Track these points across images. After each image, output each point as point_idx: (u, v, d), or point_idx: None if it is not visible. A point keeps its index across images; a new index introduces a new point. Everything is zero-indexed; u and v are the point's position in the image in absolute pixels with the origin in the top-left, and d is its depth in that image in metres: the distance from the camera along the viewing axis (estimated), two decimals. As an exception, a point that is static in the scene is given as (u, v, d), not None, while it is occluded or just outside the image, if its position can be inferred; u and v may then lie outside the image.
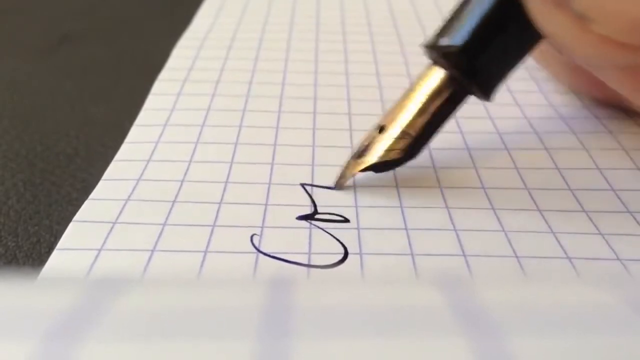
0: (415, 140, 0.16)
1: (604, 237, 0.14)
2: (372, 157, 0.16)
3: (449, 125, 0.19)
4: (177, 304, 0.06)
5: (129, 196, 0.15)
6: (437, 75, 0.16)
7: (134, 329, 0.06)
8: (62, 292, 0.06)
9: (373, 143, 0.16)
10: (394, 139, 0.16)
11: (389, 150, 0.16)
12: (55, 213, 0.15)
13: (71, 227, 0.14)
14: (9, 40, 0.27)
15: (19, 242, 0.14)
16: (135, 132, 0.19)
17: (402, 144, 0.16)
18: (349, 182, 0.16)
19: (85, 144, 0.19)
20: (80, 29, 0.28)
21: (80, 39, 0.27)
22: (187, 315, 0.06)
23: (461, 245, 0.14)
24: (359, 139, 0.17)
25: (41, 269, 0.13)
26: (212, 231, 0.14)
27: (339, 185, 0.16)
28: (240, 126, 0.19)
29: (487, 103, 0.21)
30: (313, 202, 0.16)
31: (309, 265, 0.13)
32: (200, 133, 0.19)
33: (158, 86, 0.22)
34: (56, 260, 0.13)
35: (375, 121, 0.17)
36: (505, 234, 0.14)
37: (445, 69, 0.16)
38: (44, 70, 0.24)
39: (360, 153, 0.16)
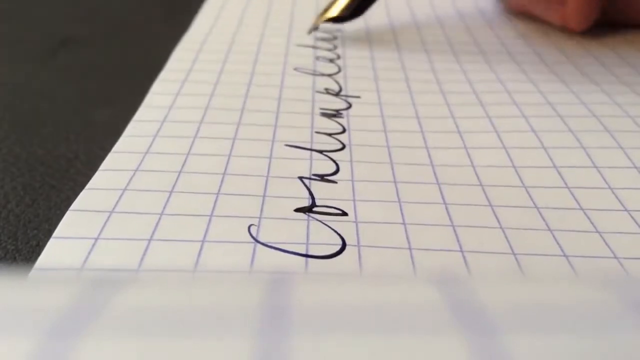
0: (360, 3, 0.26)
1: (601, 235, 0.14)
2: (332, 12, 0.26)
3: (448, 125, 0.20)
4: (175, 301, 0.06)
5: (126, 186, 0.16)
6: None
7: (133, 326, 0.06)
8: (60, 290, 0.06)
9: (334, 3, 0.26)
10: (347, 1, 0.26)
11: (343, 9, 0.26)
12: (55, 217, 0.15)
13: (68, 215, 0.14)
14: (9, 44, 0.27)
15: (18, 245, 0.14)
16: (133, 127, 0.19)
17: (352, 4, 0.26)
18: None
19: (85, 147, 0.19)
20: (80, 33, 0.28)
21: (80, 42, 0.27)
22: (186, 313, 0.06)
23: (459, 241, 0.14)
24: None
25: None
26: (209, 221, 0.14)
27: (310, 30, 0.27)
28: (238, 124, 0.19)
29: (485, 103, 0.21)
30: (311, 195, 0.16)
31: (306, 256, 0.13)
32: (198, 129, 0.19)
33: (157, 86, 0.22)
34: (52, 248, 0.13)
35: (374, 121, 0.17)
36: (503, 231, 0.14)
37: None
38: (44, 74, 0.24)
39: (325, 10, 0.26)
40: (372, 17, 0.30)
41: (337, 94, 0.22)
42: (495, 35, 0.28)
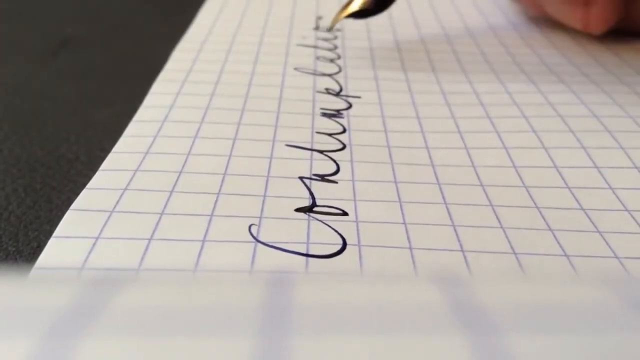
0: None
1: (602, 235, 0.14)
2: (354, 6, 0.24)
3: (449, 125, 0.20)
4: (175, 301, 0.06)
5: (127, 186, 0.16)
6: None
7: (133, 326, 0.06)
8: (60, 290, 0.06)
9: None
10: None
11: (364, 2, 0.24)
12: (56, 218, 0.15)
13: (68, 215, 0.14)
14: (10, 44, 0.27)
15: (19, 247, 0.14)
16: (133, 127, 0.19)
17: None
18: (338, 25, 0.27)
19: (85, 148, 0.19)
20: (80, 34, 0.28)
21: (80, 43, 0.27)
22: (186, 313, 0.06)
23: (459, 241, 0.14)
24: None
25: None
26: (210, 220, 0.14)
27: (330, 27, 0.26)
28: (239, 124, 0.19)
29: (486, 103, 0.21)
30: (312, 195, 0.16)
31: (307, 255, 0.13)
32: (198, 129, 0.19)
33: (157, 86, 0.22)
34: (53, 248, 0.13)
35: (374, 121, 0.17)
36: (504, 231, 0.14)
37: None
38: (44, 75, 0.24)
39: (347, 4, 0.25)
40: (372, 17, 0.30)
41: (337, 94, 0.22)
42: (495, 36, 0.28)
